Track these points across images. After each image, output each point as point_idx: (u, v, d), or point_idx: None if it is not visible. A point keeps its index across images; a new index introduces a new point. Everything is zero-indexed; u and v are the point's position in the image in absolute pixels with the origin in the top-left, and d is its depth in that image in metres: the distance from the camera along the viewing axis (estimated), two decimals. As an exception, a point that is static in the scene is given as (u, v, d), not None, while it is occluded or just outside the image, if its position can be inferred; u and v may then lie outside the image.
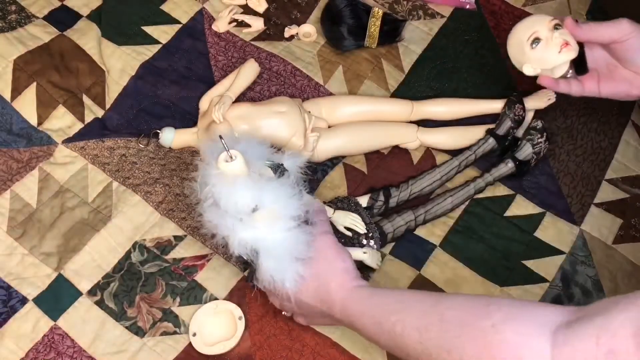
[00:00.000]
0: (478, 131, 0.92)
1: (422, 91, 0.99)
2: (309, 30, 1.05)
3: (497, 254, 0.87)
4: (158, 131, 0.93)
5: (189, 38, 1.04)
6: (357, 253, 0.81)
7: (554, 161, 0.93)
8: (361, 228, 0.83)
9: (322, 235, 0.74)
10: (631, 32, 0.74)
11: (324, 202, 0.85)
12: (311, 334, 0.80)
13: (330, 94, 0.98)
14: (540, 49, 0.80)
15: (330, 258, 0.72)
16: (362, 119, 0.94)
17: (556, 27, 0.79)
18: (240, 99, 0.96)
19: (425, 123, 0.94)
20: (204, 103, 0.95)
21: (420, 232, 0.88)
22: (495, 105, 0.93)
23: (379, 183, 0.91)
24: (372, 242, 0.84)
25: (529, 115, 0.93)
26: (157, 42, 1.03)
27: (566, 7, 1.05)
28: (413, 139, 0.92)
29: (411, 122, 0.94)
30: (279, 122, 0.89)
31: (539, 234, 0.89)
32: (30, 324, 0.82)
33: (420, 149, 0.94)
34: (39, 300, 0.83)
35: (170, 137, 0.92)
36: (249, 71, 0.96)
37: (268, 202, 0.70)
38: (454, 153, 0.92)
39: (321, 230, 0.75)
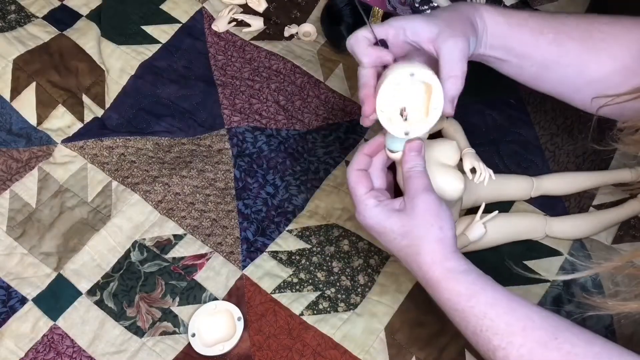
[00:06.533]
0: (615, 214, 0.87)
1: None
2: (308, 30, 1.05)
3: (499, 255, 0.86)
4: None
5: (188, 37, 1.04)
6: None
7: (554, 163, 0.93)
8: None
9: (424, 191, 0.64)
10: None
11: None
12: (312, 334, 0.80)
13: (331, 91, 0.98)
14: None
15: (429, 219, 0.62)
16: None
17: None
18: (239, 95, 0.96)
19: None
20: None
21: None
22: (623, 175, 0.87)
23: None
24: None
25: None
26: (156, 41, 1.03)
27: (564, 9, 1.04)
28: (541, 236, 0.87)
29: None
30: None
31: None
32: (29, 324, 0.81)
33: None
34: (39, 300, 0.83)
35: None
36: None
37: None
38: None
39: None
